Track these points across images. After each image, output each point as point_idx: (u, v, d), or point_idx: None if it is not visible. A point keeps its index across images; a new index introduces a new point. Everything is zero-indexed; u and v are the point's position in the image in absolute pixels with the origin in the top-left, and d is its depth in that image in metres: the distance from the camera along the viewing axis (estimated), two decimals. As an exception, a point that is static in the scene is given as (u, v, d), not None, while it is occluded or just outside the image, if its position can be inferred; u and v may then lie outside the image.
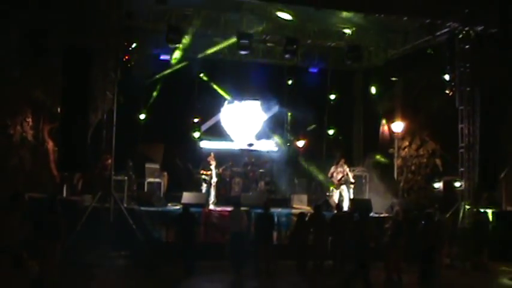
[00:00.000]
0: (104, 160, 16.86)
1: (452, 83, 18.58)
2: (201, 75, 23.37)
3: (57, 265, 11.12)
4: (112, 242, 15.45)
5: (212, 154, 20.05)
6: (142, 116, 22.74)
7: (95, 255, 15.08)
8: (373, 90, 22.94)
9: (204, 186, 19.55)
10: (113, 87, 17.10)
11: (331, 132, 24.74)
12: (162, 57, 21.80)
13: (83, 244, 14.89)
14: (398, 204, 18.34)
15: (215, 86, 24.27)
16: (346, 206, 18.96)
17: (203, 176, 19.52)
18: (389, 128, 22.96)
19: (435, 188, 20.95)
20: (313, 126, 24.67)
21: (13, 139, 17.51)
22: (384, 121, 23.30)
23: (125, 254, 15.75)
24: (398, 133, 22.42)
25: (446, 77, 18.66)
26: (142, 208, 17.36)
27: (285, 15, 19.04)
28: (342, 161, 20.10)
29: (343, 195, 19.59)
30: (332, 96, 24.38)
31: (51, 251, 11.04)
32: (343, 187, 19.70)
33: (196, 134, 23.31)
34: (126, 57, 17.95)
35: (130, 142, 21.17)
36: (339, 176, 19.78)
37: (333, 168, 20.02)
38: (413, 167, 22.26)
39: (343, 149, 23.26)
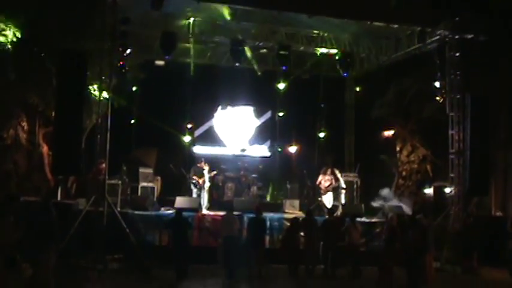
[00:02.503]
0: (98, 164, 16.79)
1: (443, 90, 18.62)
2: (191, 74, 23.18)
3: (51, 268, 11.00)
4: (105, 246, 15.35)
5: (203, 160, 20.02)
6: (134, 121, 22.59)
7: (88, 258, 15.08)
8: (364, 96, 22.89)
9: (194, 191, 19.54)
10: (107, 92, 16.99)
11: (322, 136, 24.69)
12: (157, 62, 21.69)
13: (76, 247, 14.81)
14: (392, 209, 18.28)
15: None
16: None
17: (194, 181, 19.50)
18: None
19: (425, 194, 20.94)
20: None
21: (7, 143, 17.38)
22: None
23: (118, 257, 15.68)
24: (389, 139, 22.45)
25: (437, 84, 18.70)
26: (136, 212, 17.29)
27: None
28: (329, 170, 20.19)
29: (329, 201, 19.84)
30: (324, 103, 24.32)
31: (45, 253, 10.91)
32: (330, 193, 19.95)
33: (187, 139, 23.13)
34: (121, 63, 17.83)
35: (124, 146, 21.25)
36: (326, 184, 19.97)
37: (320, 177, 20.19)
38: (404, 173, 22.31)
39: (334, 154, 23.22)
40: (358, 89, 23.98)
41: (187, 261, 14.63)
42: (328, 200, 19.96)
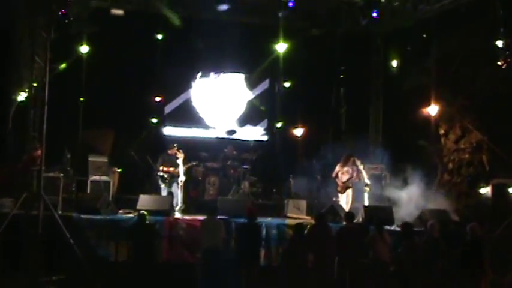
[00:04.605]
0: (31, 151, 16.63)
1: (507, 51, 18.43)
2: (160, 36, 22.98)
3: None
4: (40, 263, 15.26)
5: (176, 145, 20.06)
6: (83, 92, 22.38)
7: (15, 280, 14.98)
8: (396, 60, 22.71)
9: (163, 187, 19.65)
10: (44, 51, 16.83)
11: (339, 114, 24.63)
12: (113, 11, 21.42)
13: (-1, 266, 14.73)
14: (432, 214, 18.08)
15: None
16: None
17: (162, 174, 19.58)
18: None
19: (481, 194, 20.76)
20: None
21: None
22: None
23: (57, 279, 15.56)
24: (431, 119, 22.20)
25: (499, 43, 18.49)
26: (84, 216, 17.11)
27: None
28: (351, 159, 20.14)
29: (348, 201, 19.89)
30: (342, 68, 24.24)
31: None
32: (349, 191, 19.99)
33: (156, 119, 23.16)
34: (63, 11, 17.59)
35: (69, 127, 21.18)
36: (345, 178, 20.00)
37: (338, 167, 20.15)
38: (451, 165, 22.17)
39: (355, 139, 23.07)
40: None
41: (154, 282, 14.63)
42: (346, 199, 19.94)
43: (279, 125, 24.67)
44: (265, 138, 25.35)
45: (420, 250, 14.55)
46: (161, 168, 19.61)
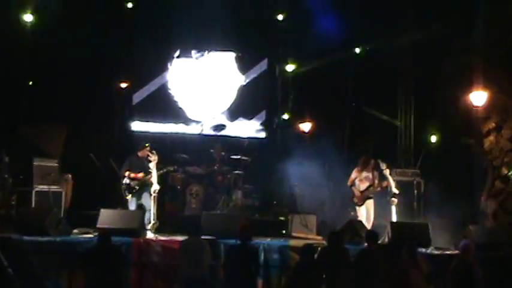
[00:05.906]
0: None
1: None
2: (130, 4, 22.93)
3: None
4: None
5: (147, 145, 19.94)
6: (27, 77, 22.33)
7: None
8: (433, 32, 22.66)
9: (131, 199, 19.53)
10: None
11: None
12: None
13: None
14: (480, 233, 17.91)
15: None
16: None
17: (129, 181, 19.47)
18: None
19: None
20: None
21: None
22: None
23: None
24: (479, 110, 21.98)
25: None
26: (27, 238, 16.96)
27: None
28: (372, 162, 20.06)
29: (369, 216, 19.86)
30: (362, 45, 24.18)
31: None
32: (369, 202, 19.91)
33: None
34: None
35: (8, 121, 21.29)
36: (364, 186, 19.97)
37: (355, 173, 20.16)
38: (504, 169, 21.93)
39: (378, 135, 22.97)
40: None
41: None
42: (366, 214, 19.89)
43: (285, 117, 24.46)
44: (262, 135, 25.44)
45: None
46: (127, 173, 19.46)
